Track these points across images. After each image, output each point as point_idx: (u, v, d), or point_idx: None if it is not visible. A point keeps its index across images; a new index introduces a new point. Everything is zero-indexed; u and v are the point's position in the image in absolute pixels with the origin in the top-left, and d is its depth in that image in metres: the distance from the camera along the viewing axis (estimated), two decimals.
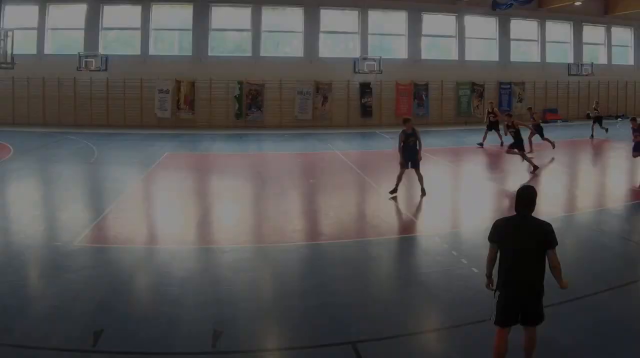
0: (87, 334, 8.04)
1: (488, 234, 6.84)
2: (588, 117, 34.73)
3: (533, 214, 6.71)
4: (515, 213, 6.76)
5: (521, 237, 6.59)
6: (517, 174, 20.71)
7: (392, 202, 16.65)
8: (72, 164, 22.32)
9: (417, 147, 16.98)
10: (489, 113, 29.27)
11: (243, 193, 18.18)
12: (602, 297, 9.58)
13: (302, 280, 10.60)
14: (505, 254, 6.66)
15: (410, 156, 17.00)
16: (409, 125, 17.05)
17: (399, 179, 16.92)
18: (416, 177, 16.96)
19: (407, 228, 14.46)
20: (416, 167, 17.06)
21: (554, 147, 25.48)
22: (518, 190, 6.82)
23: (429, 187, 17.11)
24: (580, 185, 20.55)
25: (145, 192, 18.83)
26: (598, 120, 31.98)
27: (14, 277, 10.38)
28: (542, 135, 25.86)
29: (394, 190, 16.87)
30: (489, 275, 7.01)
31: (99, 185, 19.28)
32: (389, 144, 29.45)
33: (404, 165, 16.91)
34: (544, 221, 6.73)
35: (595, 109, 32.32)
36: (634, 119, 19.41)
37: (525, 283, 6.57)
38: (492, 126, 28.49)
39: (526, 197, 6.73)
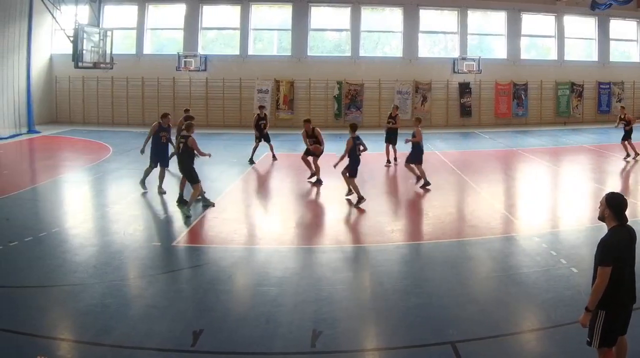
0: (186, 334, 8.11)
1: (602, 257, 6.06)
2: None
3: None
4: (617, 224, 6.27)
5: (634, 248, 6.24)
6: (617, 175, 19.89)
7: (492, 202, 16.66)
8: (170, 163, 22.60)
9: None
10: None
11: (341, 194, 17.95)
12: None
13: (401, 280, 10.57)
14: (620, 271, 6.04)
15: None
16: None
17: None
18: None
19: (505, 228, 14.19)
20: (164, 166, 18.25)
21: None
22: (619, 198, 6.39)
23: (531, 187, 16.55)
24: None
25: (245, 192, 18.98)
26: (391, 135, 22.92)
27: (113, 276, 10.65)
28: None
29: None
30: (595, 305, 6.12)
31: None
32: (488, 144, 28.98)
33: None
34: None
35: (391, 118, 22.79)
36: None
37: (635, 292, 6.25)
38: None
39: (626, 203, 6.33)
